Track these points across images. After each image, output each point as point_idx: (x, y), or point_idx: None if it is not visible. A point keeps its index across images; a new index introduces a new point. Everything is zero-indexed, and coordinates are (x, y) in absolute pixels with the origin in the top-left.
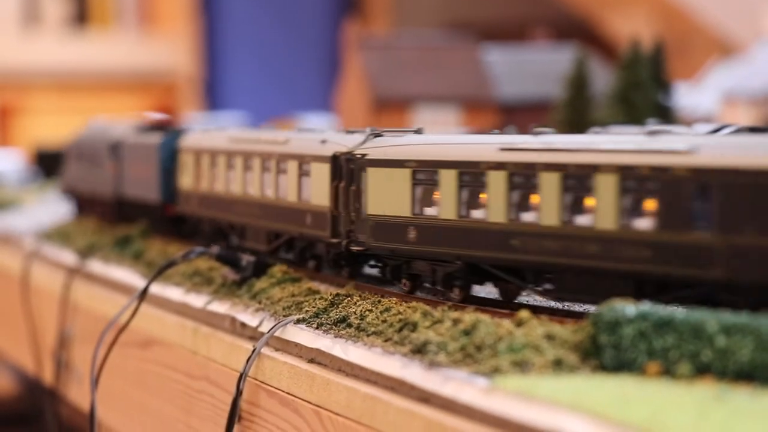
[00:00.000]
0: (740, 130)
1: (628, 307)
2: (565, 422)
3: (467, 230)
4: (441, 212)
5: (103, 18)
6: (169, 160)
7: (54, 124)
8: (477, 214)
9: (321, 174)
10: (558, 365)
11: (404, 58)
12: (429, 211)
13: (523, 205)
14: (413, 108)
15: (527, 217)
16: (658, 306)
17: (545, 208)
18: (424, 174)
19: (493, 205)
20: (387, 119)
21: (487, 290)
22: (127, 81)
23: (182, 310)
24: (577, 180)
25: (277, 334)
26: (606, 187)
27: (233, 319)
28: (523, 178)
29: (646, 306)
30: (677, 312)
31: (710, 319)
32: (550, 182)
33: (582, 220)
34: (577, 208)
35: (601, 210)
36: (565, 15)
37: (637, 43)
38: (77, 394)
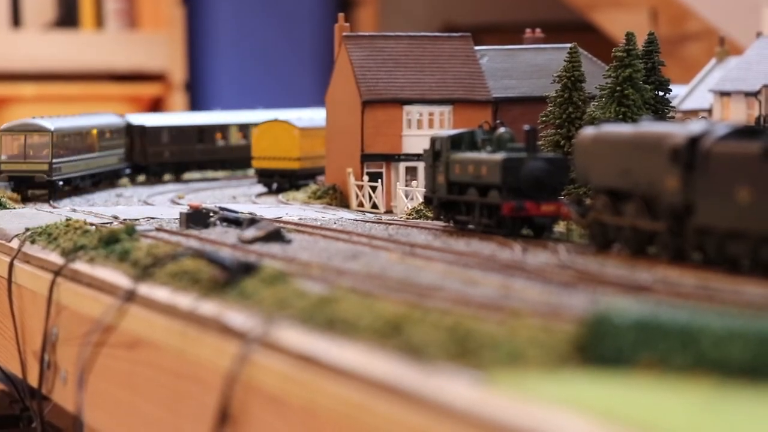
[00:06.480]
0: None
1: (626, 306)
2: (561, 422)
3: None
4: None
5: (91, 18)
6: None
7: None
8: None
9: None
10: (553, 364)
11: (395, 55)
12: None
13: None
14: (405, 104)
15: None
16: (657, 305)
17: None
18: None
19: None
20: (382, 116)
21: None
22: (116, 82)
23: (169, 310)
24: None
25: (265, 334)
26: None
27: (221, 320)
28: None
29: (644, 305)
30: (676, 311)
31: (709, 318)
32: None
33: None
34: None
35: None
36: (559, 12)
37: (632, 39)
38: (63, 396)
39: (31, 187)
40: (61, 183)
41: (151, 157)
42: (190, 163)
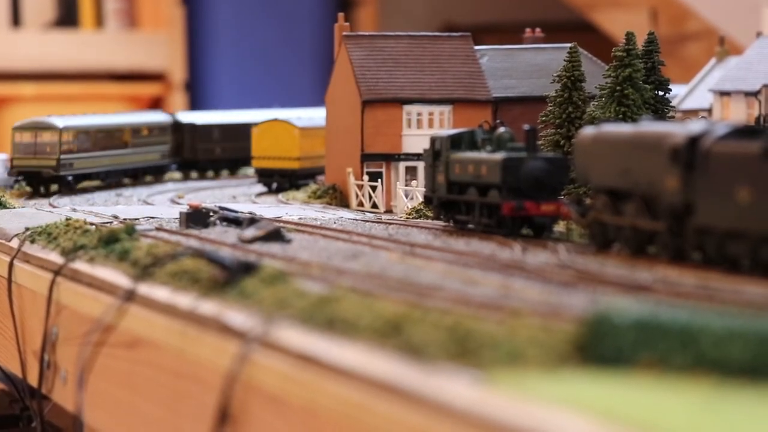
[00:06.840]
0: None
1: (626, 306)
2: (561, 422)
3: None
4: None
5: (91, 18)
6: None
7: None
8: None
9: None
10: (553, 364)
11: (395, 55)
12: None
13: None
14: (405, 104)
15: None
16: (657, 305)
17: None
18: None
19: None
20: (382, 116)
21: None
22: (116, 81)
23: (169, 310)
24: None
25: (265, 334)
26: None
27: (221, 320)
28: None
29: (644, 305)
30: (676, 311)
31: (709, 318)
32: None
33: None
34: None
35: None
36: (559, 12)
37: (631, 38)
38: (63, 396)
39: (41, 182)
40: (70, 178)
41: (201, 154)
42: (245, 158)
